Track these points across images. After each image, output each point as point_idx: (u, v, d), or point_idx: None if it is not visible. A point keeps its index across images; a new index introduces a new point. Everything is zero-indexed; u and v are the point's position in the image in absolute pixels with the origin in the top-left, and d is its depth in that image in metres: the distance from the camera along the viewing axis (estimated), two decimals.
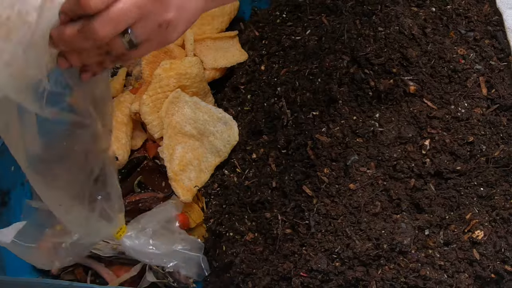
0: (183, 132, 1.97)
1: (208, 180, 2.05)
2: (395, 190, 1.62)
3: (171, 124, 1.95)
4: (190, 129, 1.97)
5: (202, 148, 2.00)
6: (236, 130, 2.00)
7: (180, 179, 1.94)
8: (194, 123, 1.97)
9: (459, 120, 1.66)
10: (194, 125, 1.97)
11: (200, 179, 1.99)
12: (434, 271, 1.53)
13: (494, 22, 1.84)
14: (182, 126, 1.97)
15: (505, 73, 1.73)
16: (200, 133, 1.99)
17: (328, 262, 1.60)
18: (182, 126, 1.97)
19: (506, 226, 1.56)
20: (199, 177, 1.99)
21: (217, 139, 1.99)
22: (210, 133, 1.99)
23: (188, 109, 1.97)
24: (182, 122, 1.97)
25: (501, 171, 1.61)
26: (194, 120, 1.97)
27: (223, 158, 2.02)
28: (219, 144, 1.99)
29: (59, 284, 1.74)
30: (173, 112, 1.97)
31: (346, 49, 1.86)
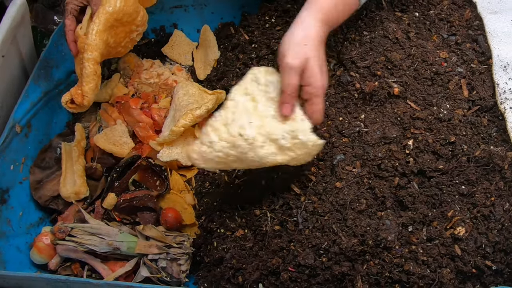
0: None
1: (200, 179, 2.05)
2: (380, 188, 1.61)
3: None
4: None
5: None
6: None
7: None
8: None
9: (441, 121, 1.65)
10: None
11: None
12: (417, 266, 1.53)
13: (475, 27, 1.83)
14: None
15: (485, 76, 1.72)
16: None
17: (315, 257, 1.59)
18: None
19: (487, 222, 1.56)
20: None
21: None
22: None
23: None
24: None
25: (481, 170, 1.60)
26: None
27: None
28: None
29: (57, 279, 1.73)
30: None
31: (332, 53, 1.86)
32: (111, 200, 2.03)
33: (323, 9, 1.60)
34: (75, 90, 1.92)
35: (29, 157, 2.15)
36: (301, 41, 1.55)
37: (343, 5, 1.65)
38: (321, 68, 1.56)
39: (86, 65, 1.85)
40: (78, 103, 1.92)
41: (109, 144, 2.15)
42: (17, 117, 2.08)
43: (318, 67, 1.54)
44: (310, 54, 1.53)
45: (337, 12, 1.64)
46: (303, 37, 1.56)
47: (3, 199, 2.00)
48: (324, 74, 1.57)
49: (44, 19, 2.65)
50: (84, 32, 1.89)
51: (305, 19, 1.59)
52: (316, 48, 1.55)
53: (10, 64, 2.16)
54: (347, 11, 1.67)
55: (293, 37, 1.57)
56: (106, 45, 1.90)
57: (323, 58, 1.58)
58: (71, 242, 1.96)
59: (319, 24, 1.59)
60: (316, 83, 1.54)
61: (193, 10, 2.44)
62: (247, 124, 1.53)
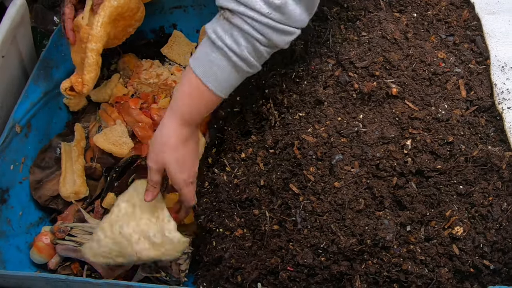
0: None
1: (199, 179, 2.05)
2: (378, 188, 1.61)
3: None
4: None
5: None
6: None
7: None
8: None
9: (439, 121, 1.65)
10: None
11: None
12: (416, 265, 1.53)
13: (473, 27, 1.83)
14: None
15: (483, 76, 1.72)
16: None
17: (314, 257, 1.59)
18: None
19: (485, 222, 1.56)
20: None
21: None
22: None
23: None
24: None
25: (479, 170, 1.60)
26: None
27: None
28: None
29: (57, 278, 1.73)
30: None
31: (331, 53, 1.86)
32: (111, 200, 2.03)
33: (182, 114, 1.69)
34: (75, 78, 1.93)
35: (29, 157, 2.15)
36: (159, 147, 1.72)
37: (199, 106, 1.70)
38: (181, 169, 1.74)
39: (89, 55, 1.87)
40: (78, 90, 1.94)
41: (108, 144, 2.15)
42: (17, 117, 2.08)
43: (175, 169, 1.72)
44: (167, 160, 1.71)
45: (197, 114, 1.71)
46: (162, 144, 1.71)
47: (3, 198, 2.00)
48: (184, 171, 1.75)
49: (44, 20, 2.65)
50: (87, 22, 1.91)
51: (165, 125, 1.72)
52: (174, 151, 1.72)
53: (10, 65, 2.16)
54: (206, 108, 1.72)
55: (155, 141, 1.74)
56: (107, 37, 1.93)
57: (186, 155, 1.75)
58: (71, 242, 1.96)
59: (179, 129, 1.70)
60: (176, 181, 1.75)
61: (192, 10, 2.44)
62: (126, 224, 1.74)
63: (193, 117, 1.70)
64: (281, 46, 1.62)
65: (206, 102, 1.69)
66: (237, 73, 1.63)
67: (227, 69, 1.61)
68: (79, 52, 1.96)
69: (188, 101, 1.68)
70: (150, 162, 1.74)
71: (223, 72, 1.61)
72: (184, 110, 1.69)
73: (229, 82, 1.66)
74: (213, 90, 1.63)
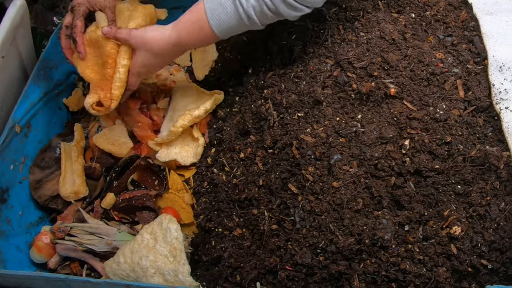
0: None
1: (198, 178, 2.05)
2: (377, 188, 1.61)
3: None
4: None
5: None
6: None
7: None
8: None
9: (438, 121, 1.65)
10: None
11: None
12: (414, 265, 1.53)
13: (471, 28, 1.83)
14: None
15: (481, 76, 1.72)
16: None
17: (312, 256, 1.59)
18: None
19: (482, 222, 1.55)
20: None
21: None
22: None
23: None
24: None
25: (477, 170, 1.59)
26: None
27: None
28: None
29: (56, 278, 1.72)
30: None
31: (329, 53, 1.86)
32: (110, 199, 2.03)
33: (180, 34, 1.87)
34: (104, 94, 1.98)
35: (28, 157, 2.15)
36: (145, 38, 1.90)
37: (194, 36, 1.85)
38: (146, 65, 1.95)
39: (121, 71, 1.94)
40: (107, 106, 1.98)
41: (108, 144, 2.15)
42: (17, 117, 2.08)
43: (142, 61, 1.93)
44: (142, 51, 1.91)
45: (191, 41, 1.88)
46: (149, 38, 1.89)
47: (3, 198, 1.99)
48: (146, 69, 1.97)
49: (44, 20, 2.65)
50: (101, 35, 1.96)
51: (164, 31, 1.90)
52: (151, 51, 1.91)
53: (9, 65, 2.16)
54: (201, 40, 1.88)
55: (149, 31, 1.91)
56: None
57: (156, 63, 1.97)
58: (71, 241, 1.96)
59: (172, 43, 1.88)
60: (133, 65, 1.95)
61: None
62: (145, 256, 1.80)
63: (188, 44, 1.90)
64: (287, 18, 1.76)
65: (203, 35, 1.84)
66: (239, 23, 1.78)
67: (231, 16, 1.76)
68: (97, 67, 2.00)
69: (189, 27, 1.84)
70: (132, 37, 1.90)
71: (228, 17, 1.76)
72: (183, 33, 1.85)
73: (230, 27, 1.80)
74: (213, 27, 1.80)
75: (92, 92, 1.99)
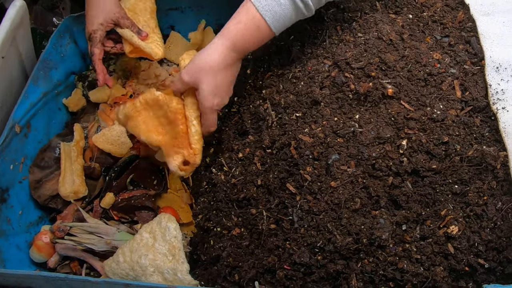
0: None
1: (197, 178, 2.05)
2: (374, 187, 1.61)
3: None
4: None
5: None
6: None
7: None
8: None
9: (435, 121, 1.65)
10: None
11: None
12: (411, 264, 1.52)
13: (468, 28, 1.83)
14: None
15: (478, 77, 1.72)
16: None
17: (310, 255, 1.59)
18: None
19: (479, 221, 1.55)
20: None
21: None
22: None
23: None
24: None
25: (474, 170, 1.59)
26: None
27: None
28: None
29: (56, 277, 1.72)
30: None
31: (327, 54, 1.85)
32: (109, 199, 2.03)
33: (234, 40, 1.75)
34: (187, 152, 1.85)
35: (28, 156, 2.15)
36: (201, 65, 1.76)
37: (251, 37, 1.76)
38: (214, 91, 1.78)
39: (195, 123, 1.84)
40: (193, 162, 1.86)
41: (107, 144, 2.15)
42: (17, 117, 2.08)
43: (208, 91, 1.76)
44: (205, 79, 1.75)
45: (248, 44, 1.77)
46: (205, 62, 1.76)
47: (3, 198, 2.00)
48: (217, 96, 1.79)
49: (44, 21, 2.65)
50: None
51: (214, 45, 1.77)
52: (212, 73, 1.76)
53: (9, 65, 2.16)
54: (257, 41, 1.78)
55: (199, 57, 1.78)
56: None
57: (223, 83, 1.80)
58: (70, 241, 1.96)
59: (228, 52, 1.76)
60: (205, 104, 1.78)
61: (189, 11, 2.44)
62: (144, 255, 1.80)
63: (244, 47, 1.77)
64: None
65: (259, 35, 1.76)
66: (294, 13, 1.74)
67: (287, 8, 1.70)
68: (163, 127, 1.89)
69: (242, 30, 1.74)
70: (185, 74, 1.77)
71: (283, 9, 1.71)
72: (237, 37, 1.75)
73: (285, 20, 1.74)
74: (269, 24, 1.71)
75: (172, 154, 1.87)
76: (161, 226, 1.85)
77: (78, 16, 2.41)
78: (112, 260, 1.87)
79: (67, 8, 2.81)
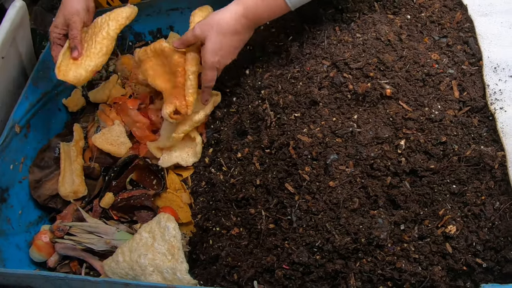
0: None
1: (196, 178, 2.05)
2: (373, 187, 1.60)
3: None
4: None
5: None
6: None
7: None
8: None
9: (433, 121, 1.65)
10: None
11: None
12: (409, 263, 1.52)
13: (466, 29, 1.83)
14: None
15: (476, 77, 1.72)
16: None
17: (309, 255, 1.59)
18: None
19: (477, 221, 1.55)
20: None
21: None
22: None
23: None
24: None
25: (472, 169, 1.59)
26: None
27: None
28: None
29: (56, 276, 1.72)
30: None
31: (326, 54, 1.85)
32: (109, 199, 2.03)
33: (248, 8, 1.80)
34: (179, 102, 1.97)
35: (28, 156, 2.15)
36: (213, 22, 1.84)
37: (264, 6, 1.80)
38: (218, 50, 1.87)
39: (191, 78, 1.96)
40: (184, 113, 1.98)
41: (107, 144, 2.15)
42: (17, 117, 2.08)
43: (213, 48, 1.86)
44: (212, 37, 1.85)
45: (261, 14, 1.82)
46: (217, 22, 1.84)
47: (3, 198, 1.99)
48: (219, 56, 1.88)
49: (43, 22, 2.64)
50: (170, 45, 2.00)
51: (229, 9, 1.85)
52: (221, 32, 1.85)
53: (9, 66, 2.16)
54: (271, 12, 1.83)
55: (213, 16, 1.86)
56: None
57: (228, 45, 1.88)
58: (70, 240, 1.95)
59: (240, 18, 1.84)
60: (206, 59, 1.88)
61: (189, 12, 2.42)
62: (143, 255, 1.80)
63: (256, 15, 1.83)
64: None
65: (274, 6, 1.80)
66: None
67: None
68: (167, 76, 2.03)
69: (258, 0, 1.79)
70: (197, 27, 1.87)
71: None
72: (251, 6, 1.80)
73: None
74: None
75: (168, 102, 1.99)
76: (160, 226, 1.85)
77: None
78: (111, 260, 1.86)
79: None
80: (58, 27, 1.96)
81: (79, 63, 1.89)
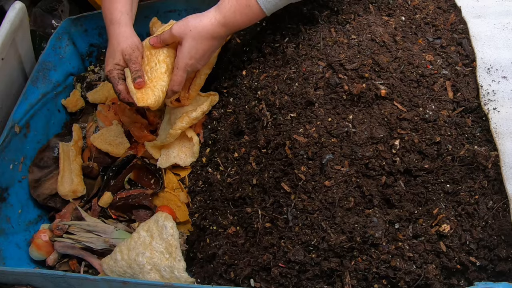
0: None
1: (194, 177, 2.04)
2: (367, 186, 1.60)
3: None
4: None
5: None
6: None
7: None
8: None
9: (427, 121, 1.64)
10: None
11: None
12: (404, 262, 1.52)
13: (460, 30, 1.83)
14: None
15: (469, 78, 1.72)
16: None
17: (305, 253, 1.58)
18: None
19: (471, 220, 1.55)
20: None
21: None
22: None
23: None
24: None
25: (466, 169, 1.59)
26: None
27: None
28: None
29: (55, 274, 1.72)
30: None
31: (321, 56, 1.85)
32: (107, 198, 2.03)
33: (225, 15, 1.84)
34: (183, 93, 2.10)
35: (28, 156, 2.15)
36: (191, 25, 1.85)
37: (241, 15, 1.83)
38: (192, 54, 1.88)
39: (202, 78, 2.11)
40: (183, 103, 2.12)
41: (105, 144, 2.14)
42: (16, 117, 2.07)
43: (188, 51, 1.87)
44: (189, 39, 1.86)
45: (238, 21, 1.85)
46: (195, 25, 1.85)
47: (3, 197, 1.99)
48: (193, 59, 1.89)
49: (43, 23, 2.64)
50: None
51: (208, 14, 1.87)
52: (198, 37, 1.86)
53: (9, 67, 2.15)
54: (247, 20, 1.86)
55: (191, 19, 1.87)
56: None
57: (203, 50, 1.89)
58: (69, 239, 1.95)
59: (217, 24, 1.85)
60: (179, 60, 1.89)
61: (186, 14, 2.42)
62: (141, 253, 1.81)
63: (235, 24, 1.85)
64: None
65: (250, 14, 1.82)
66: None
67: None
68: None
69: (234, 7, 1.82)
70: (176, 27, 1.87)
71: None
72: (228, 13, 1.82)
73: (277, 1, 1.80)
74: (260, 4, 1.79)
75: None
76: (158, 225, 1.85)
77: (76, 18, 2.41)
78: (110, 258, 1.86)
79: (66, 10, 2.81)
80: (119, 64, 1.90)
81: (152, 86, 1.88)
